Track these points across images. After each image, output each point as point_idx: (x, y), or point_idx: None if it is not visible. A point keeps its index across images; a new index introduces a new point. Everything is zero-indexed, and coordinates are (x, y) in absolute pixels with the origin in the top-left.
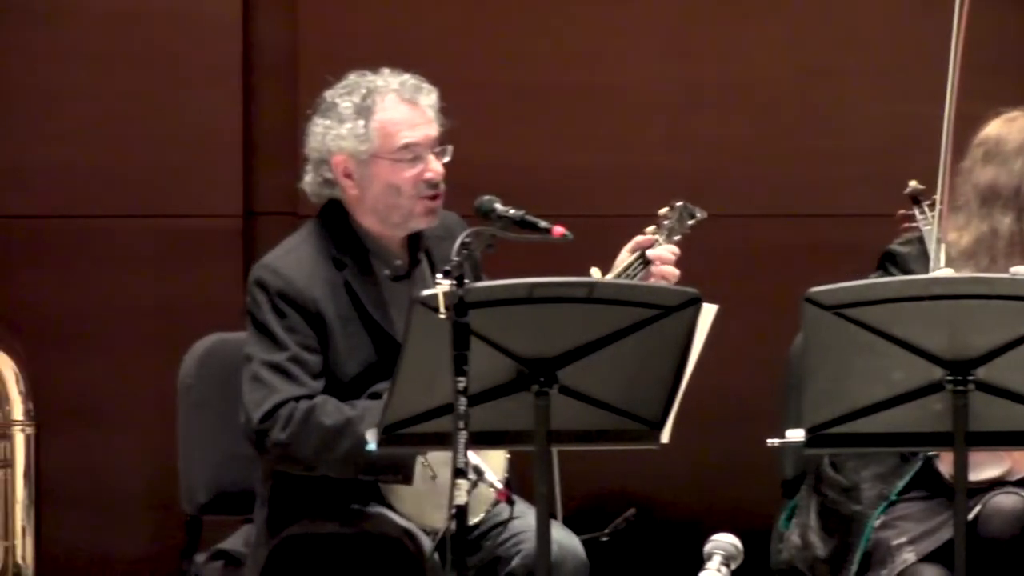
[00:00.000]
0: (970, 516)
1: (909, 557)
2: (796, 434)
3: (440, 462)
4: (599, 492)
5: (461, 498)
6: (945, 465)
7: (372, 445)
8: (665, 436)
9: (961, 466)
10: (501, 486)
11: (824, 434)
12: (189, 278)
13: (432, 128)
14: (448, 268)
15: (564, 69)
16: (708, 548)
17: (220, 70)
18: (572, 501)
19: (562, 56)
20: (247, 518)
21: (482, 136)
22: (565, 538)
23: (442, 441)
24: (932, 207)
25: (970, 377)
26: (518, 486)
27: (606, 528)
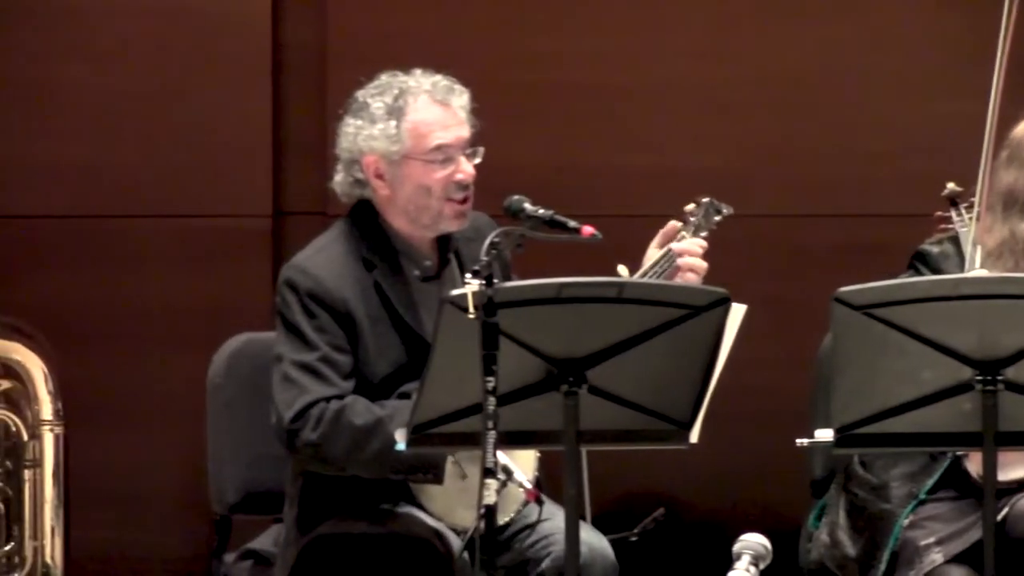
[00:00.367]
0: (999, 517)
1: (937, 558)
2: (825, 434)
3: (470, 461)
4: (628, 492)
5: (490, 498)
6: (974, 464)
7: (401, 445)
8: (694, 436)
9: (990, 466)
10: (531, 486)
11: (853, 434)
12: (218, 278)
13: (464, 129)
14: (477, 268)
15: (593, 69)
16: (737, 548)
17: (249, 70)
18: (601, 501)
19: (591, 56)
20: (277, 518)
21: (512, 136)
22: (595, 540)
23: (471, 441)
24: (969, 209)
25: (999, 377)
26: (547, 486)
27: (635, 528)
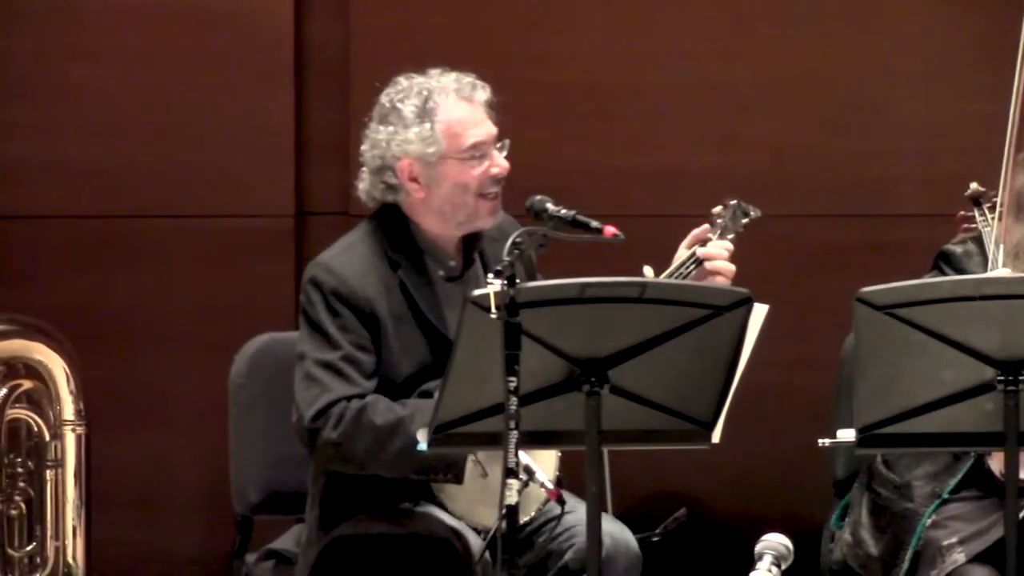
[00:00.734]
0: (1021, 516)
1: (959, 558)
2: (847, 434)
3: (491, 461)
4: (650, 492)
5: (512, 498)
6: (996, 464)
7: (423, 445)
8: (716, 436)
9: (1012, 466)
10: (552, 486)
11: (875, 434)
12: (241, 278)
13: (491, 124)
14: (499, 268)
15: (614, 68)
16: (759, 548)
17: (272, 70)
18: (623, 501)
19: (613, 56)
20: (299, 518)
21: (533, 136)
22: (618, 531)
23: (493, 441)
24: (992, 209)
25: (1021, 377)
26: (569, 486)
27: (657, 529)
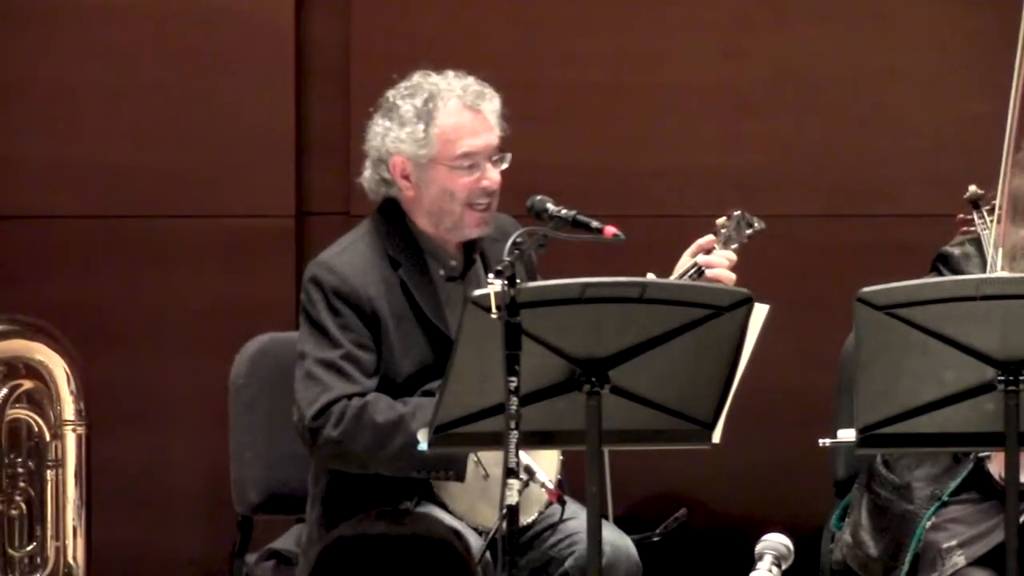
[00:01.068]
0: (1022, 519)
1: (959, 561)
2: (848, 434)
3: (492, 461)
4: (650, 493)
5: (513, 498)
6: (996, 467)
7: (423, 445)
8: (717, 436)
9: (1012, 466)
10: (552, 486)
11: (876, 434)
12: (241, 278)
13: (493, 136)
14: (500, 268)
15: (618, 69)
16: (759, 548)
17: (273, 70)
18: (623, 502)
19: (616, 56)
20: (299, 518)
21: (536, 136)
22: (618, 540)
23: (494, 441)
24: (991, 212)
25: (1022, 377)
26: (570, 486)
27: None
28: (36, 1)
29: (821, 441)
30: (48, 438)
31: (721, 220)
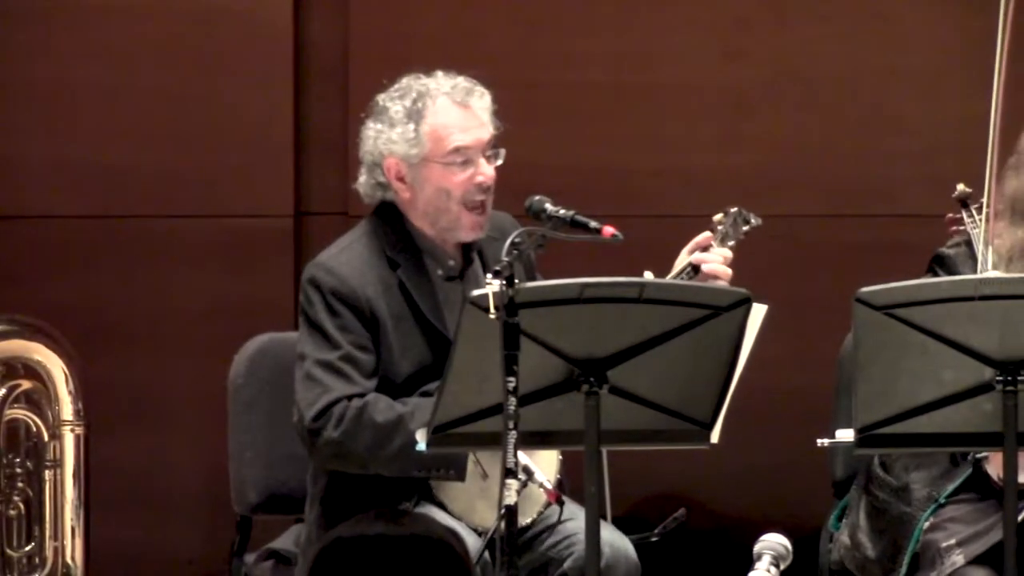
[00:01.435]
0: (1020, 518)
1: (958, 560)
2: (846, 434)
3: (491, 461)
4: (649, 492)
5: (511, 498)
6: (994, 468)
7: (422, 445)
8: (715, 436)
9: (1010, 466)
10: (551, 486)
11: (874, 434)
12: (240, 278)
13: (484, 131)
14: (498, 268)
15: (617, 69)
16: (758, 548)
17: (271, 71)
18: (622, 502)
19: (615, 56)
20: (299, 518)
21: (535, 136)
22: (617, 540)
23: (492, 441)
24: (980, 210)
25: (1020, 377)
26: (569, 487)
27: (656, 529)
28: (36, 1)
29: (820, 441)
30: (46, 438)
31: (718, 217)
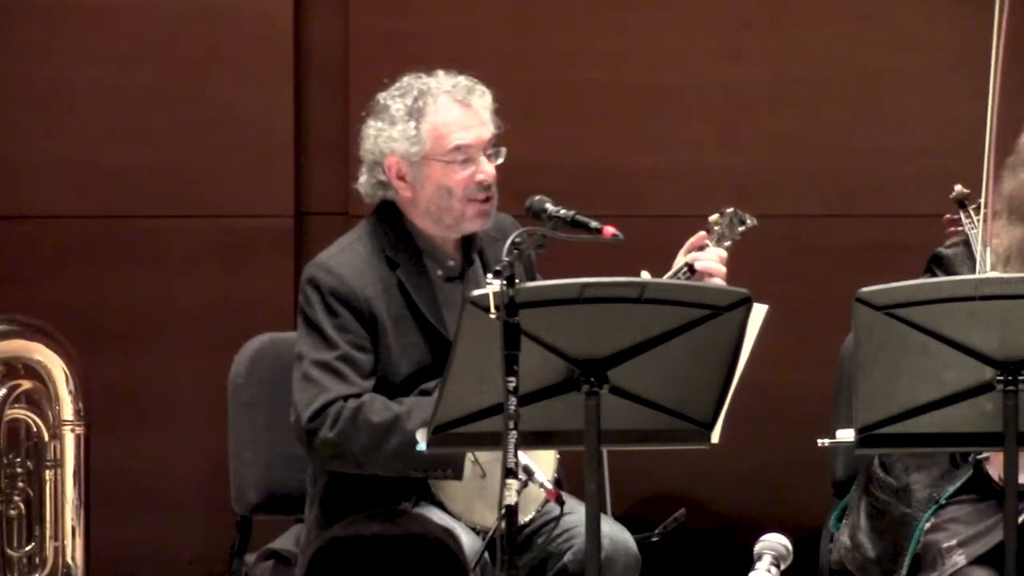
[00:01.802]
0: (1021, 518)
1: (959, 560)
2: (846, 434)
3: (489, 460)
4: (649, 493)
5: (511, 498)
6: (995, 468)
7: (422, 446)
8: (715, 436)
9: (1011, 466)
10: (551, 486)
11: (875, 434)
12: (240, 278)
13: (485, 130)
14: (498, 268)
15: (616, 69)
16: (758, 548)
17: (272, 71)
18: (622, 502)
19: (615, 56)
20: (298, 518)
21: (535, 136)
22: (617, 533)
23: (492, 441)
24: (977, 211)
25: (1021, 377)
26: (569, 487)
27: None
28: (36, 1)
29: (820, 441)
30: (47, 438)
31: (714, 217)
